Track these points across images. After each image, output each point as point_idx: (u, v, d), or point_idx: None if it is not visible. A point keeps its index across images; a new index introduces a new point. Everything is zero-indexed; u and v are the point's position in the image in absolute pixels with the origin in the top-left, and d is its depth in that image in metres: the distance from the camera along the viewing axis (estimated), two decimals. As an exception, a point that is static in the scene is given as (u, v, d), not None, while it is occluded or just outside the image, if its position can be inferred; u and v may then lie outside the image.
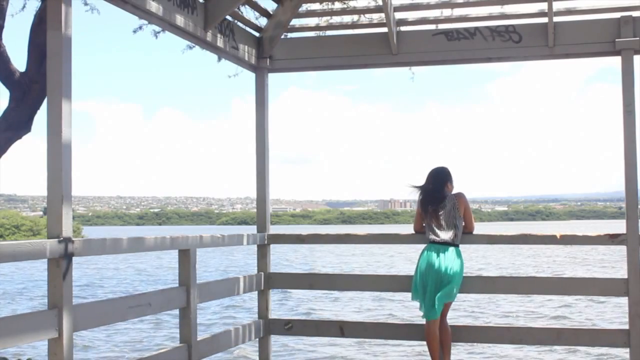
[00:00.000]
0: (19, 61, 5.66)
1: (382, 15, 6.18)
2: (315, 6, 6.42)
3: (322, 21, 6.67)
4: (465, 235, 5.96)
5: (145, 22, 5.85)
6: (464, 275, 5.88)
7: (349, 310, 16.32)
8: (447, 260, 5.76)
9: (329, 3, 6.41)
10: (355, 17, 6.56)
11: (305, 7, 6.39)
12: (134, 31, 6.90)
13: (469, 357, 9.94)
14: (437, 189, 5.96)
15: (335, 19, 6.63)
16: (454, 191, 6.04)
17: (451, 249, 5.81)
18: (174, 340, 10.11)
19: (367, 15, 6.50)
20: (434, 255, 5.80)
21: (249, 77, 6.65)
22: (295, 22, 6.60)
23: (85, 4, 6.48)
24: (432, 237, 5.88)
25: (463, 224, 5.96)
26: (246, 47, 6.29)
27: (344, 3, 6.43)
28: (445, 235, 5.85)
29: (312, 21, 6.74)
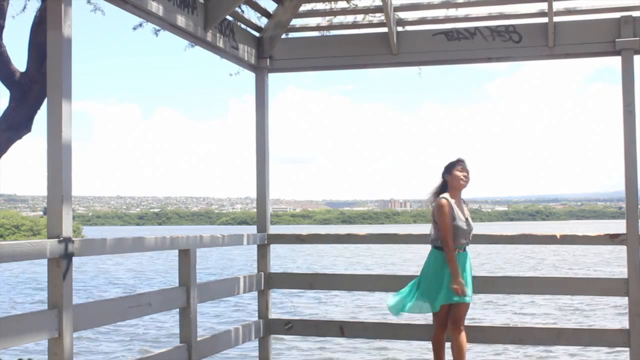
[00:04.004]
0: (20, 61, 5.65)
1: (382, 15, 6.18)
2: (315, 6, 6.42)
3: (323, 21, 6.66)
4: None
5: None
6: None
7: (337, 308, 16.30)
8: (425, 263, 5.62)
9: (329, 3, 6.41)
10: (355, 17, 6.56)
11: (305, 7, 6.39)
12: (134, 28, 6.88)
13: (469, 357, 9.92)
14: (438, 185, 5.69)
15: (335, 19, 6.63)
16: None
17: (431, 250, 5.59)
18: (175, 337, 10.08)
19: (368, 15, 6.49)
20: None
21: (248, 76, 6.65)
22: (296, 22, 6.60)
23: (89, 2, 6.45)
24: None
25: None
26: (246, 47, 6.28)
27: (345, 2, 6.42)
28: (430, 235, 5.63)
29: (312, 21, 6.74)
